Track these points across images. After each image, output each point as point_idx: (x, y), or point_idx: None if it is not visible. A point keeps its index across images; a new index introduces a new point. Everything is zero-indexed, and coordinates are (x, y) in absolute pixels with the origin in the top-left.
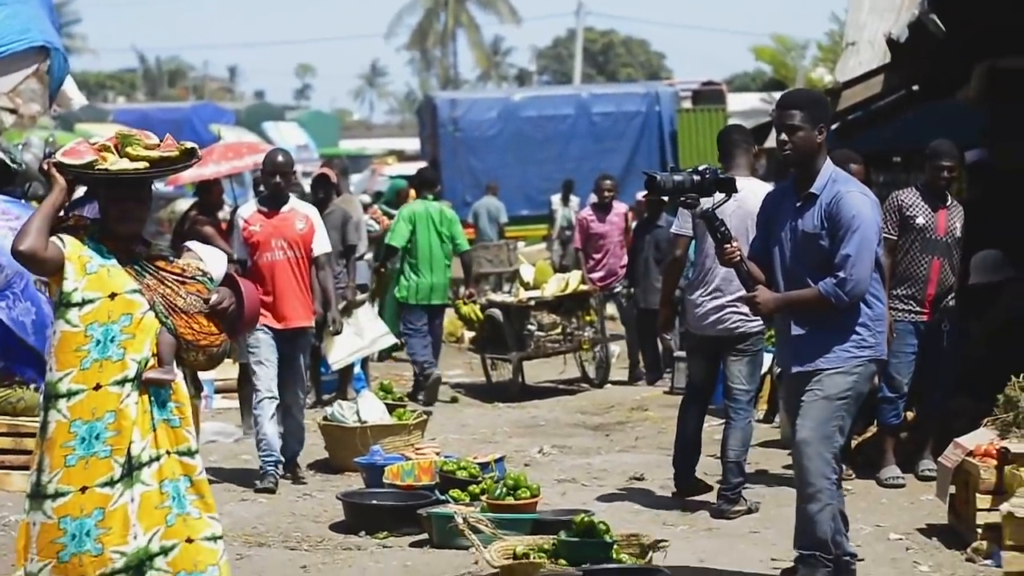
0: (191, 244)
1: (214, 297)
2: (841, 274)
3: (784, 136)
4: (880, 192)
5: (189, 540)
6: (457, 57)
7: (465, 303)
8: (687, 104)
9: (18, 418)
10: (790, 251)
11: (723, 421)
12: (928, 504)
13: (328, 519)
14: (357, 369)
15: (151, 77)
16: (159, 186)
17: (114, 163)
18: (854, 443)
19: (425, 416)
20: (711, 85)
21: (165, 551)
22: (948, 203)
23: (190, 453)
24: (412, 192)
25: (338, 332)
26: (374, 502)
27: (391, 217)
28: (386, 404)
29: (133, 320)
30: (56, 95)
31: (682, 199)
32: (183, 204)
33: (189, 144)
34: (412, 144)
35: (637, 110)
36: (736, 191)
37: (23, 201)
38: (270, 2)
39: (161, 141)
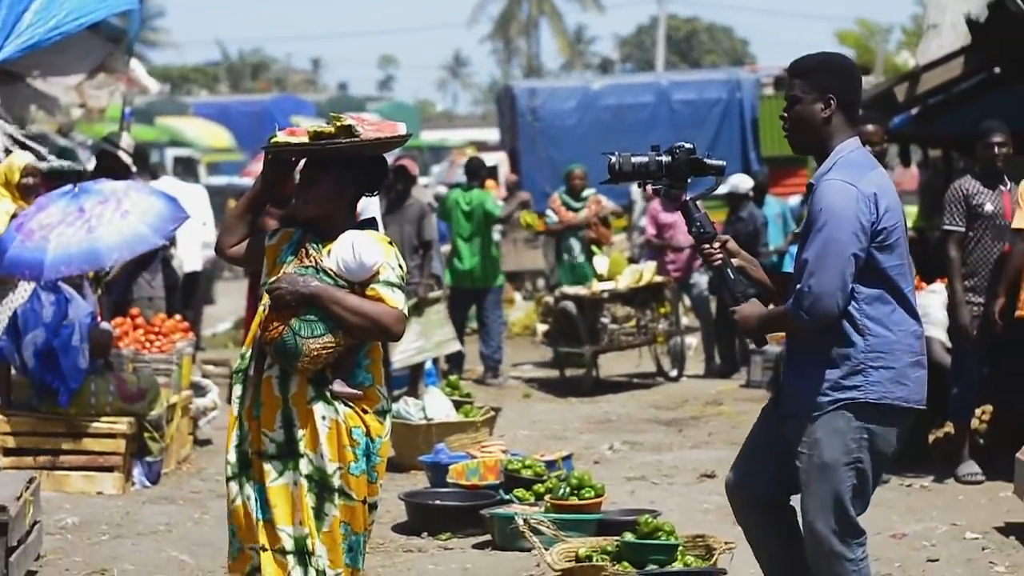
0: (351, 234)
1: (273, 283)
2: (799, 285)
3: (783, 112)
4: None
5: (264, 548)
6: (540, 46)
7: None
8: (769, 91)
9: (79, 418)
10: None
11: None
12: (1007, 501)
13: (391, 520)
14: (428, 364)
15: (234, 70)
16: (236, 179)
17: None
18: (931, 438)
19: (493, 413)
20: None
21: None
22: (1007, 185)
23: (265, 456)
24: (491, 182)
25: None
26: (437, 502)
27: (572, 209)
28: (453, 401)
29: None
30: (131, 52)
31: (657, 187)
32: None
33: (347, 120)
34: (493, 135)
35: (718, 97)
36: (722, 174)
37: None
38: None
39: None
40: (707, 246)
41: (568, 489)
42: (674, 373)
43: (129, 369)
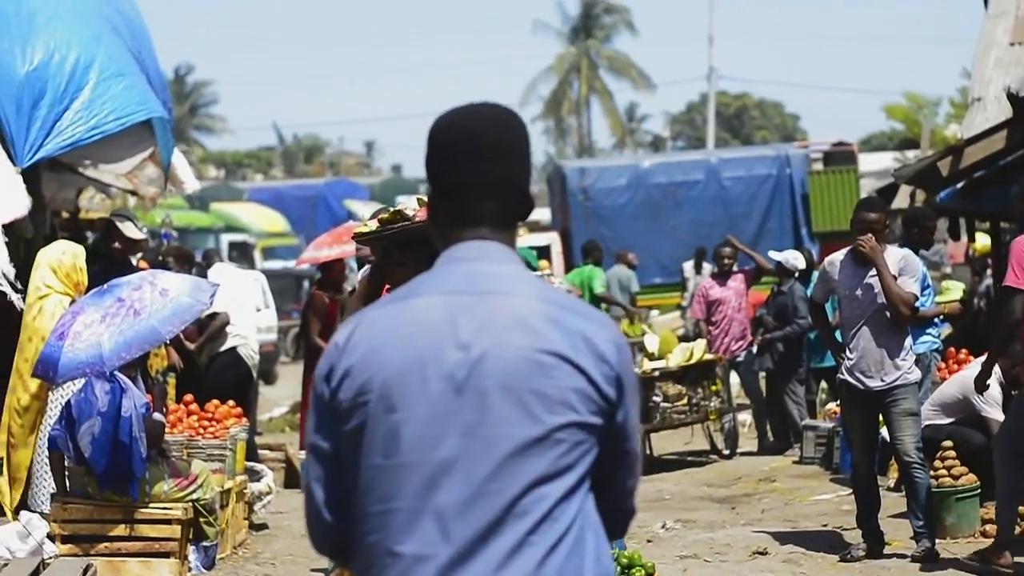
0: None
1: None
2: None
3: None
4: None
5: None
6: (592, 125)
7: None
8: (818, 166)
9: (135, 504)
10: None
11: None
12: None
13: None
14: None
15: (288, 154)
16: (292, 264)
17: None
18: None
19: None
20: (842, 146)
21: None
22: None
23: None
24: (544, 262)
25: None
26: None
27: None
28: None
29: None
30: (168, 171)
31: None
32: None
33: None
34: (546, 214)
35: (767, 173)
36: None
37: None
38: (406, 76)
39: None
40: None
41: (619, 569)
42: (727, 450)
43: (184, 455)
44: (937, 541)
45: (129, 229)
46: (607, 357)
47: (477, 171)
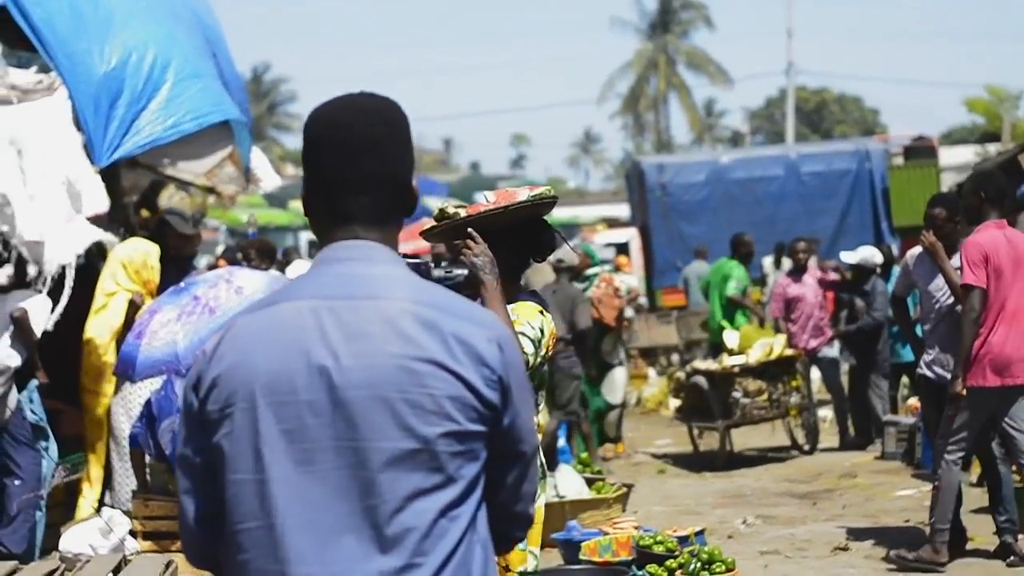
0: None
1: None
2: None
3: None
4: None
5: None
6: (670, 120)
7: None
8: (898, 160)
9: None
10: None
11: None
12: None
13: None
14: (561, 442)
15: None
16: None
17: None
18: None
19: (625, 489)
20: (922, 140)
21: None
22: None
23: None
24: (623, 258)
25: None
26: None
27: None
28: (585, 478)
29: None
30: (248, 172)
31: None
32: None
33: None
34: (625, 211)
35: (847, 168)
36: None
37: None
38: (483, 73)
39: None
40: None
41: (699, 564)
42: (808, 446)
43: None
44: (1020, 536)
45: (181, 226)
46: (487, 360)
47: (348, 166)
